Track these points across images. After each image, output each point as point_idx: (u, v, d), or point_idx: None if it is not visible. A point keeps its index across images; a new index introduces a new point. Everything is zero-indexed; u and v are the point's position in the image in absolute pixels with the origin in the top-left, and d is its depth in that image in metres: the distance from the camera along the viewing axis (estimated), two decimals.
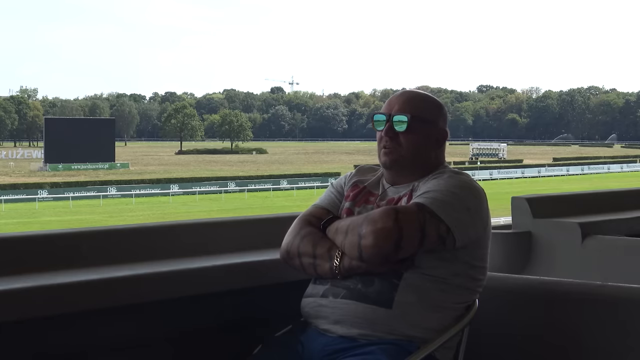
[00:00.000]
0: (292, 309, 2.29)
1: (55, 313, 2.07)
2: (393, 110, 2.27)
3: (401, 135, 2.25)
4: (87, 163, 71.01)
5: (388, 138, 2.26)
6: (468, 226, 2.15)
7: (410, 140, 2.25)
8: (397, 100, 2.29)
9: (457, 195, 2.15)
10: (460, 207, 2.14)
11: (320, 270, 2.20)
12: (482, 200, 2.20)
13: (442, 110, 2.34)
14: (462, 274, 2.17)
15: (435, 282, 2.14)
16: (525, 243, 3.79)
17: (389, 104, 2.30)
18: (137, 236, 2.49)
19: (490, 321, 2.36)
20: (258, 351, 2.21)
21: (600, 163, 79.59)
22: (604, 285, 2.37)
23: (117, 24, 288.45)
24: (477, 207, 2.18)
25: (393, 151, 2.26)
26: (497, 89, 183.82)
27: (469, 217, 2.15)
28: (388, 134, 2.26)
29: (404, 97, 2.30)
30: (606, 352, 2.29)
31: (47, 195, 48.35)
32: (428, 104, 2.32)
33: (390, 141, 2.26)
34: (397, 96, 2.33)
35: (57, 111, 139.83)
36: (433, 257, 2.14)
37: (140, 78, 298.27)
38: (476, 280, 2.22)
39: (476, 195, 2.18)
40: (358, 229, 2.10)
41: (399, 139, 2.25)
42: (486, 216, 2.22)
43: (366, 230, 2.07)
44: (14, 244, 2.24)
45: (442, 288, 2.14)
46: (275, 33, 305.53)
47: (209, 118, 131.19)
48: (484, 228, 2.21)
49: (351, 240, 2.12)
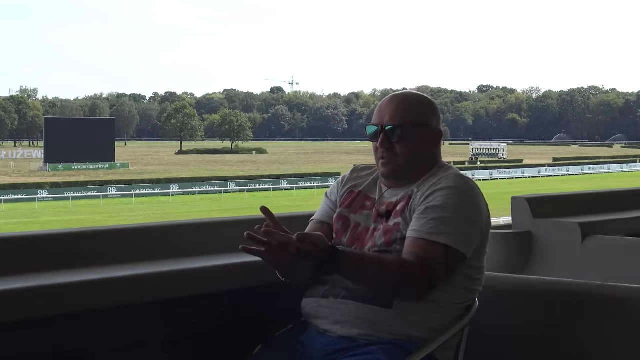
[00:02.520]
0: (292, 309, 2.29)
1: (55, 313, 2.07)
2: (385, 120, 2.24)
3: (396, 145, 2.24)
4: (87, 163, 71.00)
5: (384, 149, 2.25)
6: (474, 239, 2.17)
7: (406, 148, 2.24)
8: (388, 109, 2.26)
9: (463, 213, 2.15)
10: (468, 225, 2.15)
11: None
12: (482, 205, 2.21)
13: (434, 109, 2.32)
14: (461, 275, 2.18)
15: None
16: (525, 243, 3.78)
17: (379, 113, 2.27)
18: (137, 236, 2.49)
19: (490, 321, 2.36)
20: (258, 351, 2.21)
21: (600, 163, 79.58)
22: (604, 285, 2.37)
23: (117, 24, 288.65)
24: (478, 215, 2.19)
25: (390, 162, 2.25)
26: (497, 89, 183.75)
27: (474, 232, 2.17)
28: (383, 145, 2.24)
29: (394, 104, 2.27)
30: (606, 352, 2.29)
31: (47, 195, 48.33)
32: (419, 105, 2.29)
33: (386, 152, 2.25)
34: (386, 103, 2.29)
35: (57, 111, 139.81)
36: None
37: (140, 78, 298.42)
38: (474, 280, 2.22)
39: (476, 202, 2.19)
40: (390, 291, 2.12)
41: (395, 149, 2.24)
42: (486, 218, 2.22)
43: (403, 293, 2.11)
44: (14, 244, 2.24)
45: (441, 288, 2.14)
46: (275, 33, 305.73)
47: (209, 118, 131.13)
48: (485, 231, 2.22)
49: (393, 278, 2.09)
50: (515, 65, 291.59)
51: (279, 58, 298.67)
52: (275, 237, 1.97)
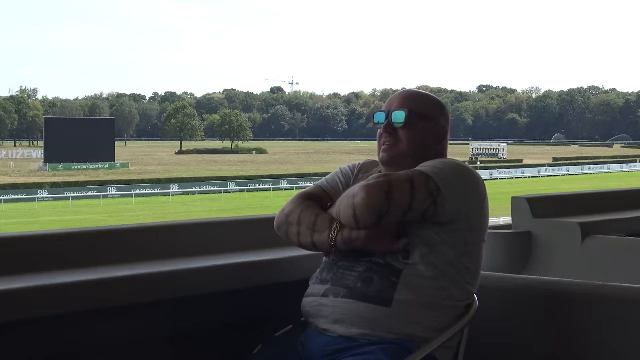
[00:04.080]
0: (292, 309, 2.28)
1: (55, 313, 2.07)
2: (393, 107, 2.29)
3: (400, 130, 2.26)
4: (87, 163, 71.02)
5: (387, 134, 2.27)
6: (460, 194, 2.13)
7: (410, 135, 2.25)
8: (397, 98, 2.32)
9: (454, 170, 2.15)
10: (455, 177, 2.14)
11: (318, 239, 2.19)
12: (480, 184, 2.19)
13: (444, 109, 2.35)
14: (455, 264, 2.15)
15: (433, 279, 2.13)
16: (525, 243, 3.78)
17: (388, 103, 2.33)
18: (137, 236, 2.49)
19: (490, 321, 2.36)
20: (258, 351, 2.21)
21: (600, 163, 79.58)
22: (604, 285, 2.37)
23: (117, 24, 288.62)
24: (473, 184, 2.17)
25: (392, 147, 2.26)
26: (497, 89, 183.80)
27: (462, 188, 2.14)
28: (387, 129, 2.27)
29: (403, 95, 2.33)
30: (606, 352, 2.29)
31: (47, 195, 48.37)
32: (428, 101, 2.33)
33: (389, 137, 2.27)
34: (397, 94, 2.35)
35: (57, 111, 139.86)
36: (428, 250, 2.12)
37: (140, 78, 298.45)
38: (471, 272, 2.19)
39: (474, 179, 2.18)
40: (352, 192, 2.12)
41: (398, 135, 2.26)
42: (483, 199, 2.19)
43: (358, 190, 2.10)
44: (14, 244, 2.24)
45: (440, 285, 2.13)
46: (276, 33, 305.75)
47: (209, 118, 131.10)
48: (479, 208, 2.18)
49: (346, 204, 2.13)
50: (515, 65, 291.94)
51: (279, 58, 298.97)
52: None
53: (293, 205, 2.29)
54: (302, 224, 2.24)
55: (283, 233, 2.29)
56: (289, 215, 2.27)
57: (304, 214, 2.25)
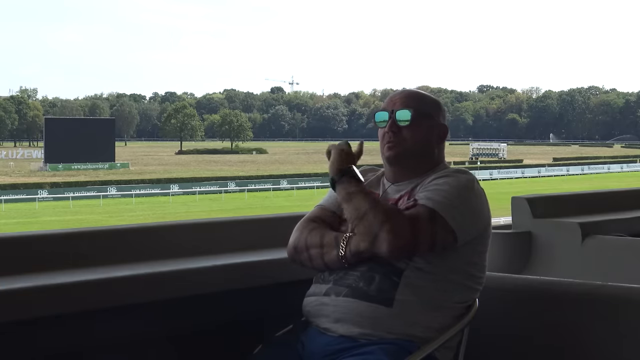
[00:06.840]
0: (292, 309, 2.29)
1: (55, 313, 2.07)
2: (395, 106, 2.29)
3: (405, 129, 2.26)
4: (87, 163, 70.96)
5: (392, 133, 2.27)
6: (470, 226, 2.17)
7: (415, 133, 2.27)
8: (399, 97, 2.32)
9: (461, 197, 2.16)
10: (464, 208, 2.16)
11: (328, 259, 2.20)
12: (483, 201, 2.23)
13: (442, 107, 2.38)
14: (460, 272, 2.18)
15: (434, 280, 2.14)
16: (525, 243, 3.78)
17: (390, 101, 2.32)
18: (137, 236, 2.49)
19: (490, 321, 2.36)
20: (258, 351, 2.21)
21: (600, 163, 79.56)
22: (604, 285, 2.37)
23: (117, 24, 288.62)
24: (479, 208, 2.20)
25: (397, 145, 2.27)
26: (497, 89, 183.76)
27: (471, 218, 2.17)
28: (392, 128, 2.27)
29: (405, 94, 2.33)
30: (606, 352, 2.29)
31: (47, 195, 48.33)
32: (429, 100, 2.35)
33: (394, 136, 2.27)
34: (397, 94, 2.35)
35: (57, 111, 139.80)
36: (432, 255, 2.14)
37: (140, 78, 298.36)
38: (475, 278, 2.22)
39: (478, 196, 2.21)
40: (374, 227, 2.10)
41: (403, 133, 2.27)
42: (487, 216, 2.24)
43: (382, 236, 2.08)
44: (14, 244, 2.24)
45: (442, 287, 2.14)
46: (276, 33, 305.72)
47: (209, 118, 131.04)
48: (484, 228, 2.23)
49: (365, 231, 2.11)
50: (515, 65, 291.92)
51: (279, 58, 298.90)
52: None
53: (297, 233, 2.30)
54: (310, 248, 2.24)
55: (298, 263, 2.30)
56: (296, 243, 2.28)
57: (309, 237, 2.26)
